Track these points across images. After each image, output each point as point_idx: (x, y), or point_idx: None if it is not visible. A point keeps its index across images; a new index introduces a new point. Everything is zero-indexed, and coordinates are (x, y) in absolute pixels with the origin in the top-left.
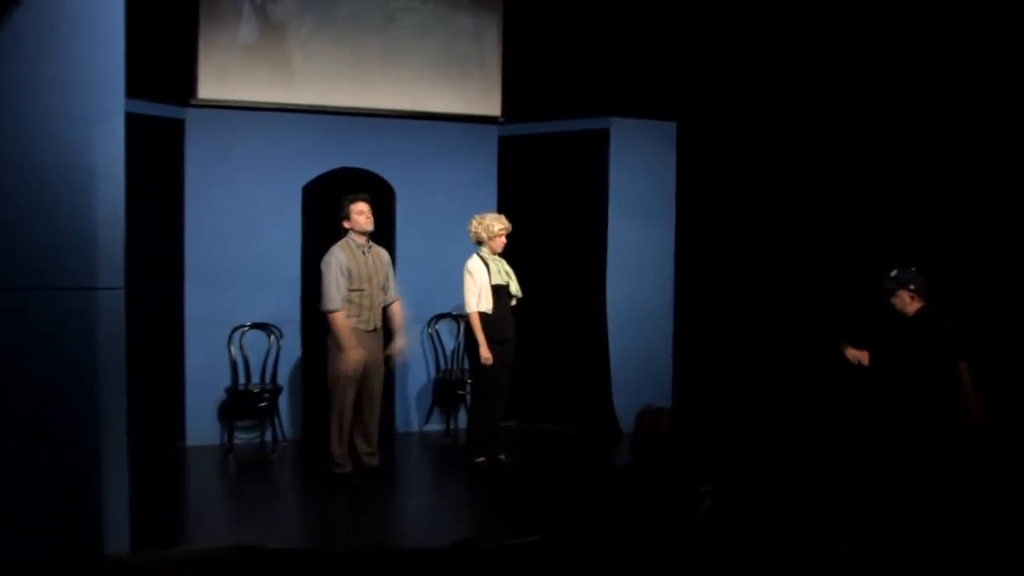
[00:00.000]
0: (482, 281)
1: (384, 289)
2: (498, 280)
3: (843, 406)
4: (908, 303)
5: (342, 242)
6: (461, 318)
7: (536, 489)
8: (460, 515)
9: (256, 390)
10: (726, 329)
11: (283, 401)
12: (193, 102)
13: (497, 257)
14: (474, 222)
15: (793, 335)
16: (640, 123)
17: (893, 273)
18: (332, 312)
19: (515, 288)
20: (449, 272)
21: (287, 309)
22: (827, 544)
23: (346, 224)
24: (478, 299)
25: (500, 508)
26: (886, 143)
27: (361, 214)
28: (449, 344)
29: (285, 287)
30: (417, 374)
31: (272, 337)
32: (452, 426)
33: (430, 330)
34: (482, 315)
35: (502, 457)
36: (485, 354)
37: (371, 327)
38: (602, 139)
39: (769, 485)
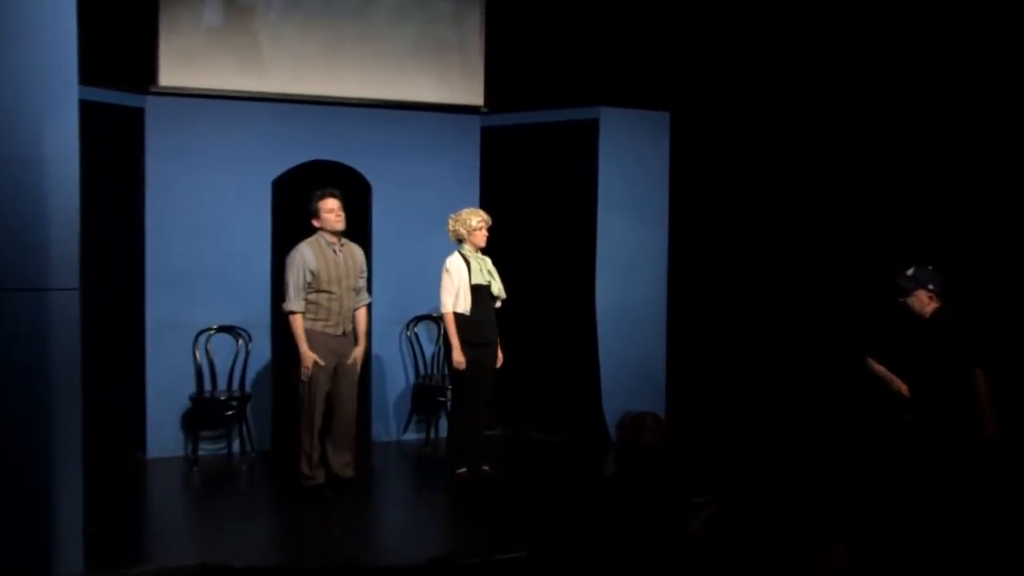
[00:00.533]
0: (461, 280)
1: (357, 291)
2: (479, 279)
3: (842, 402)
4: (926, 304)
5: (311, 239)
6: (441, 320)
7: (521, 501)
8: (439, 529)
9: (223, 398)
10: (724, 329)
11: (252, 409)
12: (154, 89)
13: (480, 255)
14: (450, 221)
15: (776, 313)
16: (631, 113)
17: (910, 272)
18: (291, 314)
19: (498, 288)
20: (428, 271)
21: (256, 311)
22: (825, 544)
23: (315, 222)
24: (455, 299)
25: (482, 522)
26: (890, 130)
27: (331, 212)
28: (429, 348)
29: (254, 288)
30: (395, 380)
31: (240, 341)
32: (432, 435)
33: (409, 333)
34: (459, 316)
35: (485, 468)
36: (457, 358)
37: (340, 331)
38: (591, 130)
39: (770, 493)
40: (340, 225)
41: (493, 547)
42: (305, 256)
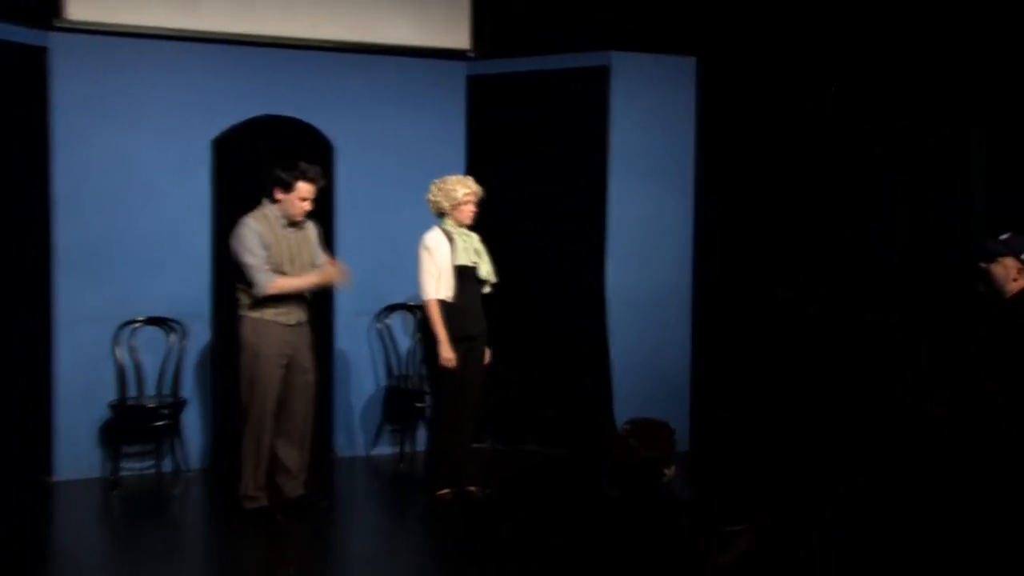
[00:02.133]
0: (442, 261)
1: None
2: (464, 260)
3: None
4: (1012, 276)
5: (257, 213)
6: (418, 309)
7: (516, 529)
8: (417, 564)
9: (151, 405)
10: (761, 322)
11: (188, 419)
12: (59, 24)
13: (466, 231)
14: (433, 188)
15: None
16: (650, 58)
17: (1004, 236)
18: (268, 291)
19: (486, 271)
20: (403, 250)
21: (193, 299)
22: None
23: (278, 195)
24: (437, 284)
25: (468, 554)
26: (974, 82)
27: (304, 200)
28: (404, 343)
29: (190, 270)
30: (363, 382)
31: (173, 336)
32: (408, 449)
33: (380, 325)
34: (442, 304)
35: (472, 488)
36: (446, 354)
37: (293, 320)
38: (600, 79)
39: (814, 517)
40: (301, 216)
41: None
42: (255, 229)
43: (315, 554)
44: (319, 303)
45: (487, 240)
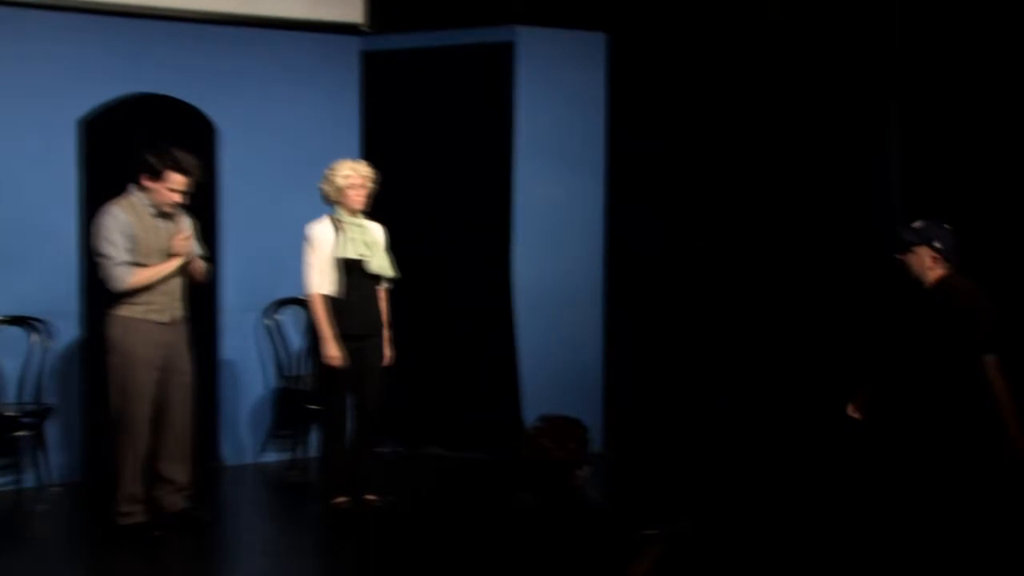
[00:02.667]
0: (325, 253)
1: (184, 268)
2: (349, 252)
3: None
4: (928, 266)
5: (123, 200)
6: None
7: (419, 539)
8: None
9: (11, 413)
10: (677, 314)
11: (54, 428)
12: None
13: (359, 221)
14: (324, 174)
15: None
16: (558, 34)
17: (918, 224)
18: (125, 287)
19: (379, 265)
20: (294, 242)
21: (59, 296)
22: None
23: (148, 183)
24: (321, 277)
25: (367, 568)
26: (892, 55)
27: (174, 192)
28: (295, 341)
29: (55, 264)
30: (250, 384)
31: (36, 336)
32: (300, 454)
33: (268, 322)
34: (327, 299)
35: (371, 497)
36: (329, 352)
37: (167, 318)
38: (505, 56)
39: (736, 522)
40: (170, 209)
41: None
42: (119, 219)
43: (198, 572)
44: (200, 298)
45: (390, 230)
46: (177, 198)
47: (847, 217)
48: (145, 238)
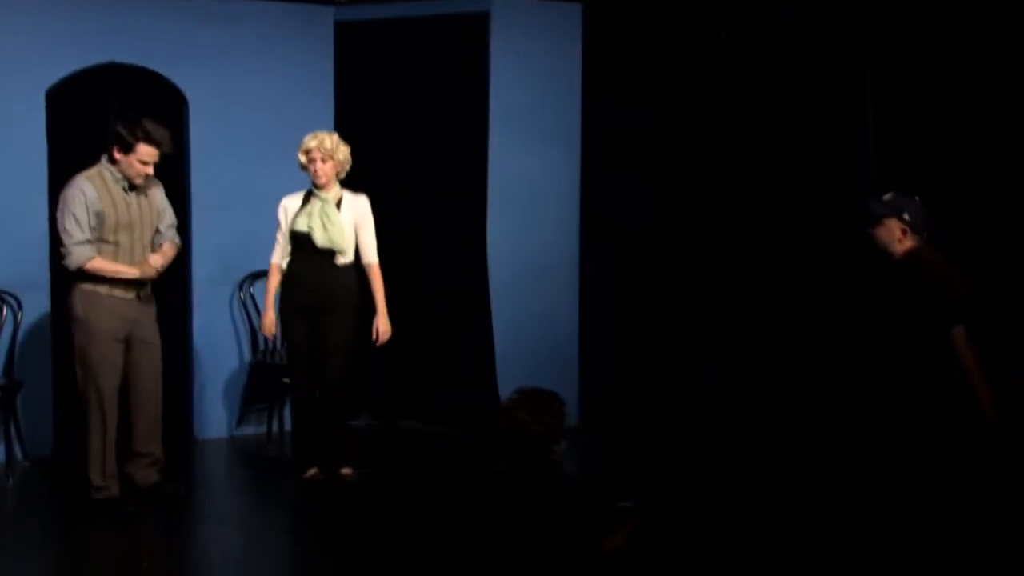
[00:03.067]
0: (284, 226)
1: (152, 244)
2: (298, 225)
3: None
4: (897, 238)
5: (92, 172)
6: None
7: (395, 513)
8: (285, 555)
9: None
10: (654, 288)
11: (24, 402)
12: None
13: (325, 195)
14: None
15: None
16: (533, 5)
17: (887, 196)
18: (81, 267)
19: (324, 238)
20: (265, 214)
21: (28, 269)
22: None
23: (116, 154)
24: (282, 248)
25: (341, 542)
26: (868, 21)
27: (145, 164)
28: None
29: (23, 236)
30: (224, 358)
31: (5, 310)
32: (276, 428)
33: (242, 295)
34: (280, 270)
35: (345, 471)
36: (264, 322)
37: (133, 294)
38: (480, 26)
39: (713, 494)
40: (140, 181)
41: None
42: (86, 193)
43: (172, 547)
44: (173, 272)
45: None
46: (148, 170)
47: (827, 186)
48: (113, 213)
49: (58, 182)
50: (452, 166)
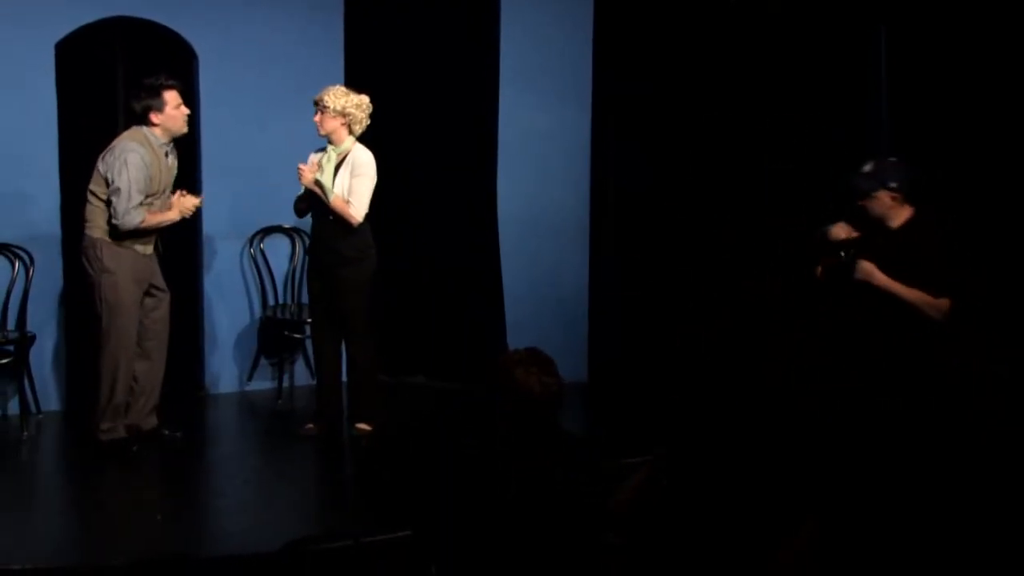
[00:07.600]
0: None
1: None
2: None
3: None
4: (891, 208)
5: (141, 138)
6: (296, 232)
7: (402, 468)
8: (298, 505)
9: None
10: (665, 242)
11: (36, 356)
12: None
13: (335, 148)
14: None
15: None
16: None
17: (867, 167)
18: (135, 228)
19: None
20: (278, 168)
21: (40, 223)
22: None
23: (155, 118)
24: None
25: (352, 495)
26: None
27: (179, 108)
28: (281, 269)
29: (35, 191)
30: (235, 313)
31: (17, 265)
32: (287, 383)
33: (252, 250)
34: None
35: (362, 426)
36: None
37: (150, 250)
38: None
39: (721, 454)
40: (185, 127)
41: (366, 526)
42: (145, 159)
43: (186, 497)
44: (184, 227)
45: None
46: (185, 109)
47: (837, 147)
48: (158, 176)
49: (67, 136)
50: (462, 120)
